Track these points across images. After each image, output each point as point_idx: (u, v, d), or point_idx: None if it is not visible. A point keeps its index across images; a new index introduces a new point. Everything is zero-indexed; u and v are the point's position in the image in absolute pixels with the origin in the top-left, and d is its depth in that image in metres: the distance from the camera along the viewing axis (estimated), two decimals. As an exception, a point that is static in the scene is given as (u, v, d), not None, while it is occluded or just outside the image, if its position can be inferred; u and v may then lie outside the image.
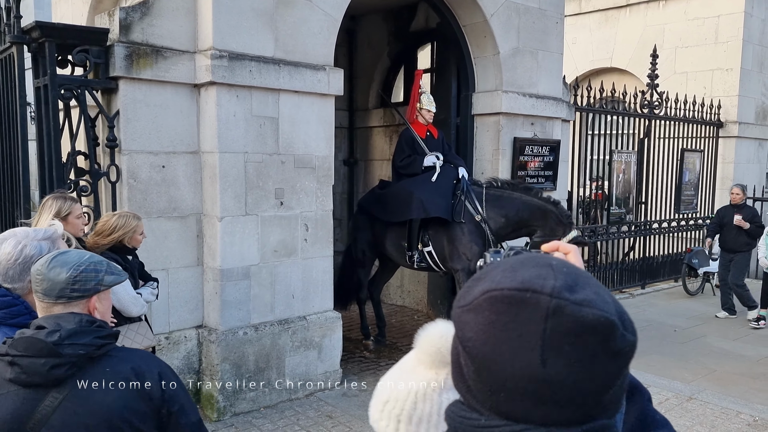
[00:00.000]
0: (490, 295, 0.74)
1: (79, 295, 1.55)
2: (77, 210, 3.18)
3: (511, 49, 6.47)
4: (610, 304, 0.74)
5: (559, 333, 0.70)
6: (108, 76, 4.12)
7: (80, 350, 1.49)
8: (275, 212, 4.80)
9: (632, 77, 11.32)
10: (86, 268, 1.56)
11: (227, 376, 4.52)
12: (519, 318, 0.71)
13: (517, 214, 5.45)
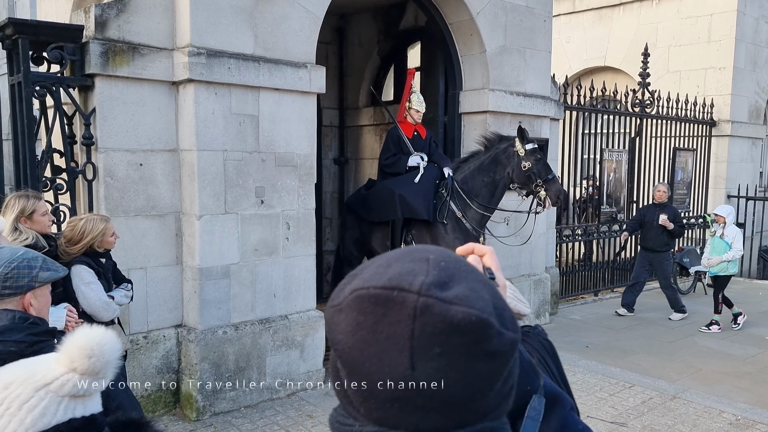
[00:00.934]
0: (357, 294, 0.69)
1: (11, 292, 1.53)
2: (42, 207, 3.15)
3: (497, 47, 6.44)
4: (487, 301, 0.69)
5: (427, 334, 0.66)
6: (84, 74, 4.09)
7: (12, 347, 1.47)
8: (256, 211, 4.76)
9: (626, 76, 11.28)
10: (19, 264, 1.54)
11: (207, 376, 4.49)
12: (386, 319, 0.67)
13: (485, 177, 5.49)
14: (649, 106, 9.24)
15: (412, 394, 0.67)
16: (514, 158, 5.32)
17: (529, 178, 5.29)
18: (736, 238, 7.05)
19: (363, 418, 0.71)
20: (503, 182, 5.47)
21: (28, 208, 3.03)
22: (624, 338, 6.72)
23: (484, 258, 0.92)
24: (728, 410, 4.71)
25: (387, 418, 0.69)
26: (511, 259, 6.82)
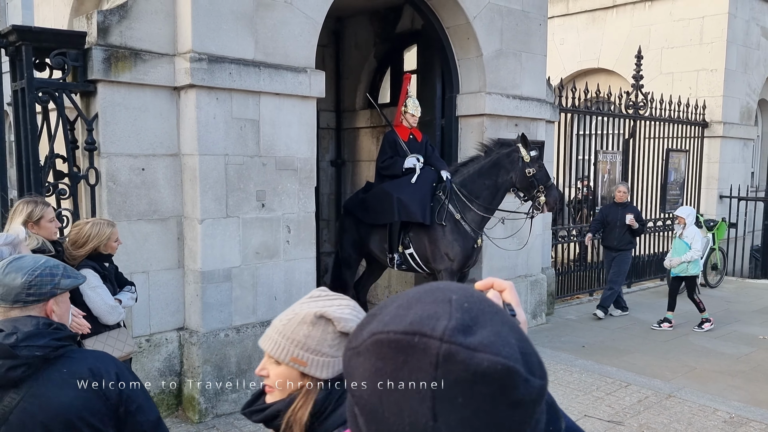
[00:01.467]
0: (376, 338, 0.66)
1: (35, 299, 1.57)
2: (49, 214, 3.18)
3: (494, 50, 6.51)
4: (513, 346, 0.66)
5: (450, 383, 0.62)
6: (86, 79, 4.12)
7: (37, 352, 1.52)
8: (257, 214, 4.81)
9: (619, 78, 11.40)
10: (42, 272, 1.59)
11: (209, 378, 4.53)
12: (407, 366, 0.63)
13: (487, 180, 5.58)
14: (643, 108, 9.35)
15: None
16: (518, 164, 5.43)
17: (531, 184, 5.42)
18: (695, 239, 7.12)
19: None
20: (505, 186, 5.58)
21: (35, 214, 3.06)
22: (619, 338, 6.81)
23: (504, 293, 0.87)
24: (722, 408, 4.80)
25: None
26: (507, 260, 6.89)
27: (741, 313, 7.98)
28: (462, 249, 5.56)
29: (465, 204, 5.57)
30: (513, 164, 5.45)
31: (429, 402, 0.62)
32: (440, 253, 5.59)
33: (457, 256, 5.56)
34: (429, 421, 0.63)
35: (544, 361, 2.85)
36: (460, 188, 5.60)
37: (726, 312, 8.05)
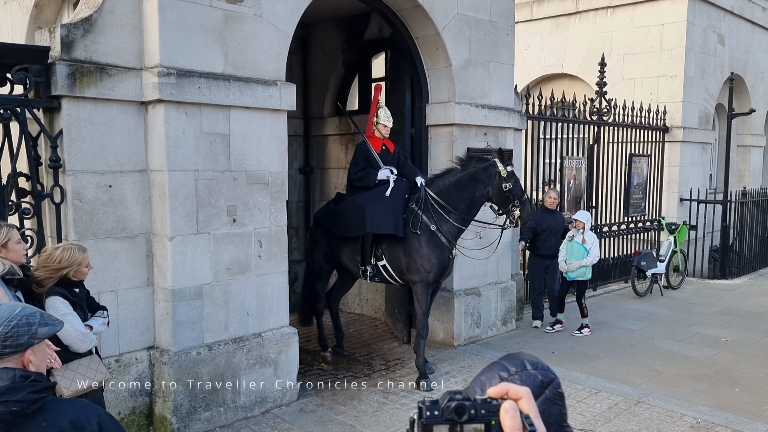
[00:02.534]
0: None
1: (11, 351, 1.52)
2: (15, 236, 3.08)
3: (463, 61, 6.57)
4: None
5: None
6: (50, 95, 4.00)
7: (14, 407, 1.47)
8: (228, 230, 4.74)
9: (582, 83, 11.63)
10: (18, 322, 1.54)
11: (180, 398, 4.45)
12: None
13: (464, 193, 5.63)
14: (606, 114, 9.56)
15: None
16: (495, 178, 5.51)
17: (507, 199, 5.52)
18: (594, 244, 7.28)
19: None
20: (482, 199, 5.66)
21: (2, 237, 2.96)
22: (587, 343, 6.95)
23: (520, 402, 0.85)
24: (689, 413, 4.94)
25: None
26: (478, 268, 6.96)
27: (702, 315, 8.23)
28: (438, 260, 5.58)
29: (441, 215, 5.60)
30: (490, 178, 5.53)
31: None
32: (416, 264, 5.60)
33: (433, 268, 5.59)
34: None
35: None
36: (436, 199, 5.62)
37: (688, 314, 8.30)
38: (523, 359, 1.15)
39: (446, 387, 5.62)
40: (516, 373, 1.11)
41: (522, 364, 1.13)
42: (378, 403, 5.26)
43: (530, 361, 1.15)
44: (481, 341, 7.01)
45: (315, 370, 6.10)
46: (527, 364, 1.13)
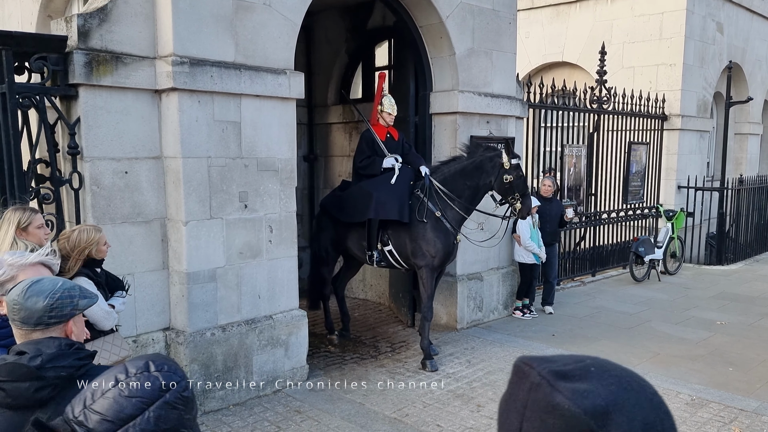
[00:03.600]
0: (517, 362, 0.84)
1: (56, 321, 1.65)
2: (37, 220, 3.21)
3: (466, 49, 6.67)
4: (597, 402, 0.74)
5: (534, 407, 0.77)
6: (67, 83, 4.11)
7: (62, 372, 1.59)
8: (240, 215, 4.88)
9: (583, 71, 11.73)
10: (61, 295, 1.67)
11: (196, 377, 4.61)
12: (518, 386, 0.80)
13: (468, 181, 5.74)
14: (606, 103, 9.67)
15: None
16: (498, 169, 5.61)
17: (507, 191, 5.64)
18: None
19: None
20: (485, 188, 5.77)
21: (23, 221, 3.08)
22: (586, 326, 7.12)
23: None
24: (684, 391, 5.12)
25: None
26: (480, 253, 7.11)
27: (699, 299, 8.41)
28: (443, 246, 5.72)
29: (446, 202, 5.72)
30: (494, 169, 5.63)
31: (520, 416, 0.78)
32: (421, 250, 5.74)
33: (438, 253, 5.73)
34: (516, 431, 0.78)
35: (517, 350, 3.21)
36: (441, 186, 5.74)
37: (685, 298, 8.47)
38: (151, 361, 1.23)
39: (451, 368, 5.79)
40: (135, 374, 1.21)
41: (146, 366, 1.22)
42: (385, 382, 5.42)
43: (158, 362, 1.23)
44: (483, 324, 7.17)
45: (323, 352, 6.27)
46: (152, 365, 1.22)
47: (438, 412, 4.83)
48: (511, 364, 3.18)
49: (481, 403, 5.01)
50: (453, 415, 4.79)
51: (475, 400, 5.08)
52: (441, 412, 4.84)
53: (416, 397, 5.13)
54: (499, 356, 6.07)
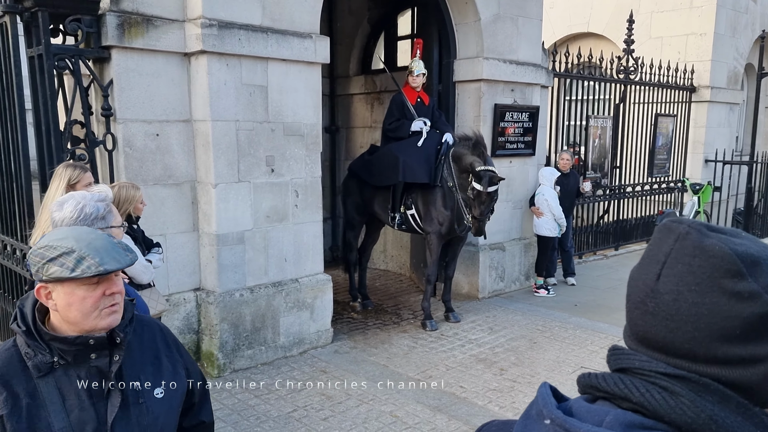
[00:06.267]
0: (657, 226, 0.84)
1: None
2: (86, 179, 3.29)
3: (492, 15, 6.60)
4: (752, 254, 0.73)
5: (679, 253, 0.76)
6: (101, 45, 4.18)
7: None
8: (267, 179, 4.94)
9: (609, 42, 11.51)
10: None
11: (226, 336, 4.73)
12: (661, 241, 0.79)
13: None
14: (633, 73, 9.51)
15: (650, 301, 0.77)
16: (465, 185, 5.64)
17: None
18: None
19: (627, 337, 0.84)
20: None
21: (73, 178, 3.17)
22: (608, 297, 7.11)
23: None
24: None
25: (631, 320, 0.82)
26: (503, 224, 7.12)
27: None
28: (451, 215, 5.77)
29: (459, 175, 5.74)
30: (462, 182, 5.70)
31: (660, 265, 0.78)
32: (431, 216, 5.81)
33: (445, 221, 5.80)
34: (654, 277, 0.78)
35: (539, 319, 3.27)
36: (451, 162, 5.74)
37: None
38: None
39: (473, 334, 5.86)
40: None
41: None
42: (408, 346, 5.51)
43: None
44: (504, 294, 7.21)
45: (346, 318, 6.37)
46: None
47: (461, 375, 4.90)
48: (533, 332, 3.28)
49: (504, 367, 5.07)
50: (476, 377, 4.86)
51: (497, 364, 5.14)
52: (464, 374, 4.91)
53: (439, 360, 5.20)
54: (521, 324, 6.12)
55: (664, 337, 0.76)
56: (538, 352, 5.40)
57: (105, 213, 2.06)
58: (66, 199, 2.03)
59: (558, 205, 7.17)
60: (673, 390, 0.74)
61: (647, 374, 0.77)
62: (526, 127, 7.20)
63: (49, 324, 1.42)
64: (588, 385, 0.83)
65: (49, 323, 1.42)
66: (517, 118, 7.05)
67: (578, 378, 0.85)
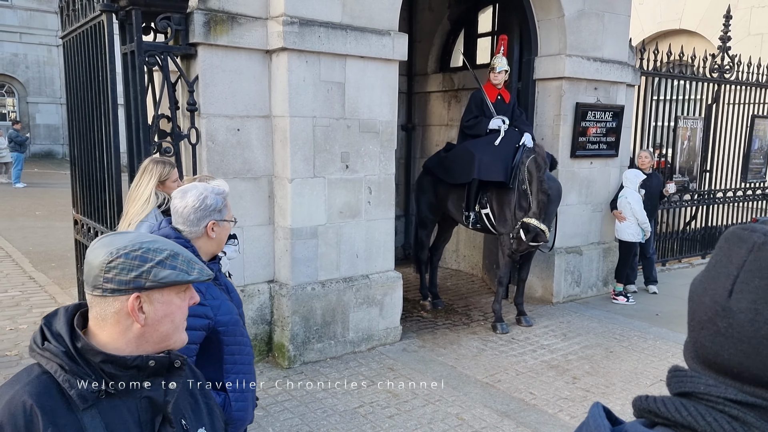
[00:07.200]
0: (724, 234, 0.76)
1: (114, 289, 1.19)
2: (174, 175, 3.43)
3: (576, 11, 6.36)
4: None
5: (755, 266, 0.68)
6: (188, 43, 4.35)
7: None
8: (341, 175, 4.99)
9: (702, 39, 10.87)
10: (131, 253, 1.19)
11: (297, 328, 4.81)
12: (730, 251, 0.72)
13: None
14: (728, 72, 8.91)
15: (721, 320, 0.69)
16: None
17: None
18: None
19: (689, 358, 0.76)
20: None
21: (164, 175, 3.32)
22: (695, 308, 6.70)
23: None
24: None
25: (697, 340, 0.73)
26: (581, 227, 6.87)
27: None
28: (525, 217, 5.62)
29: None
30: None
31: (731, 279, 0.70)
32: (504, 217, 5.68)
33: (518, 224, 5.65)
34: (725, 293, 0.70)
35: (617, 327, 3.10)
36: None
37: None
38: None
39: (546, 340, 5.68)
40: None
41: None
42: (477, 348, 5.41)
43: None
44: (580, 300, 6.95)
45: (415, 317, 6.34)
46: None
47: (531, 381, 4.76)
48: (610, 340, 3.11)
49: (577, 375, 4.89)
50: (547, 384, 4.71)
51: (570, 372, 4.95)
52: (534, 380, 4.77)
53: (509, 364, 5.08)
54: (597, 332, 5.87)
55: (740, 362, 0.68)
56: (614, 361, 5.17)
57: (222, 206, 2.13)
58: (189, 189, 2.10)
59: (642, 209, 6.83)
60: (744, 420, 0.66)
61: (715, 400, 0.69)
62: (609, 127, 6.90)
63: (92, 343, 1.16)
64: (645, 410, 0.75)
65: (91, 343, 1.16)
66: (600, 118, 6.77)
67: (634, 401, 0.77)
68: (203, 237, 2.07)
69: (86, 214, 5.25)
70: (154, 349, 1.19)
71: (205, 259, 2.12)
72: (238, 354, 2.14)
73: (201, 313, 2.01)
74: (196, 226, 2.06)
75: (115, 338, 1.17)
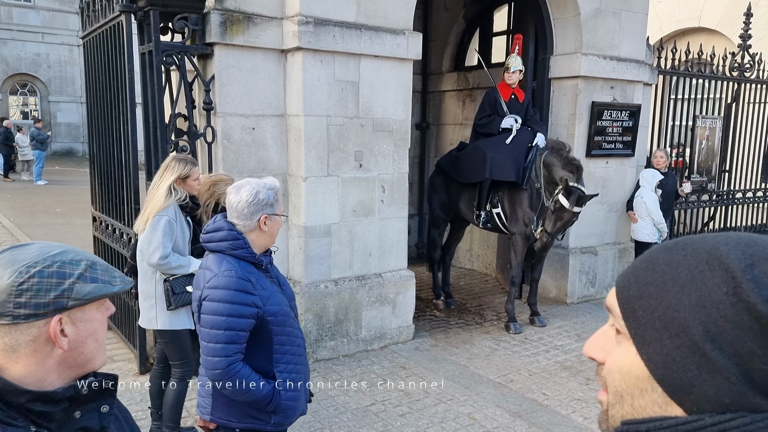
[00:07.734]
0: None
1: (29, 315, 0.99)
2: (195, 173, 3.48)
3: (592, 9, 6.32)
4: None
5: None
6: (204, 42, 4.40)
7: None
8: (354, 174, 5.01)
9: (722, 38, 10.72)
10: (43, 270, 0.99)
11: (310, 326, 4.85)
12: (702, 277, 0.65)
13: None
14: (749, 70, 8.78)
15: None
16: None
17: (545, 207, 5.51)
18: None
19: None
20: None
21: (184, 173, 3.37)
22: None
23: None
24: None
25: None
26: (596, 227, 6.82)
27: None
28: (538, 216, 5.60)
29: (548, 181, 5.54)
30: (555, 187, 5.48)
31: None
32: (516, 216, 5.66)
33: (530, 223, 5.63)
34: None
35: None
36: (545, 166, 5.52)
37: None
38: None
39: (559, 340, 5.66)
40: None
41: None
42: (490, 348, 5.41)
43: None
44: (595, 301, 6.91)
45: (428, 315, 6.35)
46: None
47: (544, 381, 4.75)
48: None
49: (590, 376, 4.86)
50: (560, 385, 4.69)
51: (584, 373, 4.93)
52: (547, 381, 4.76)
53: (521, 365, 5.07)
54: (612, 333, 5.83)
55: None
56: (628, 363, 5.13)
57: (273, 201, 2.20)
58: (243, 185, 2.18)
59: (658, 210, 6.76)
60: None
61: None
62: (626, 126, 6.84)
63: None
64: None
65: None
66: (616, 117, 6.72)
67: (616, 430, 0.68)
68: (256, 230, 2.16)
69: (104, 211, 5.34)
70: (77, 373, 1.04)
71: (258, 252, 2.20)
72: (288, 345, 2.22)
73: (250, 302, 2.09)
74: (249, 220, 2.14)
75: (32, 370, 0.98)
